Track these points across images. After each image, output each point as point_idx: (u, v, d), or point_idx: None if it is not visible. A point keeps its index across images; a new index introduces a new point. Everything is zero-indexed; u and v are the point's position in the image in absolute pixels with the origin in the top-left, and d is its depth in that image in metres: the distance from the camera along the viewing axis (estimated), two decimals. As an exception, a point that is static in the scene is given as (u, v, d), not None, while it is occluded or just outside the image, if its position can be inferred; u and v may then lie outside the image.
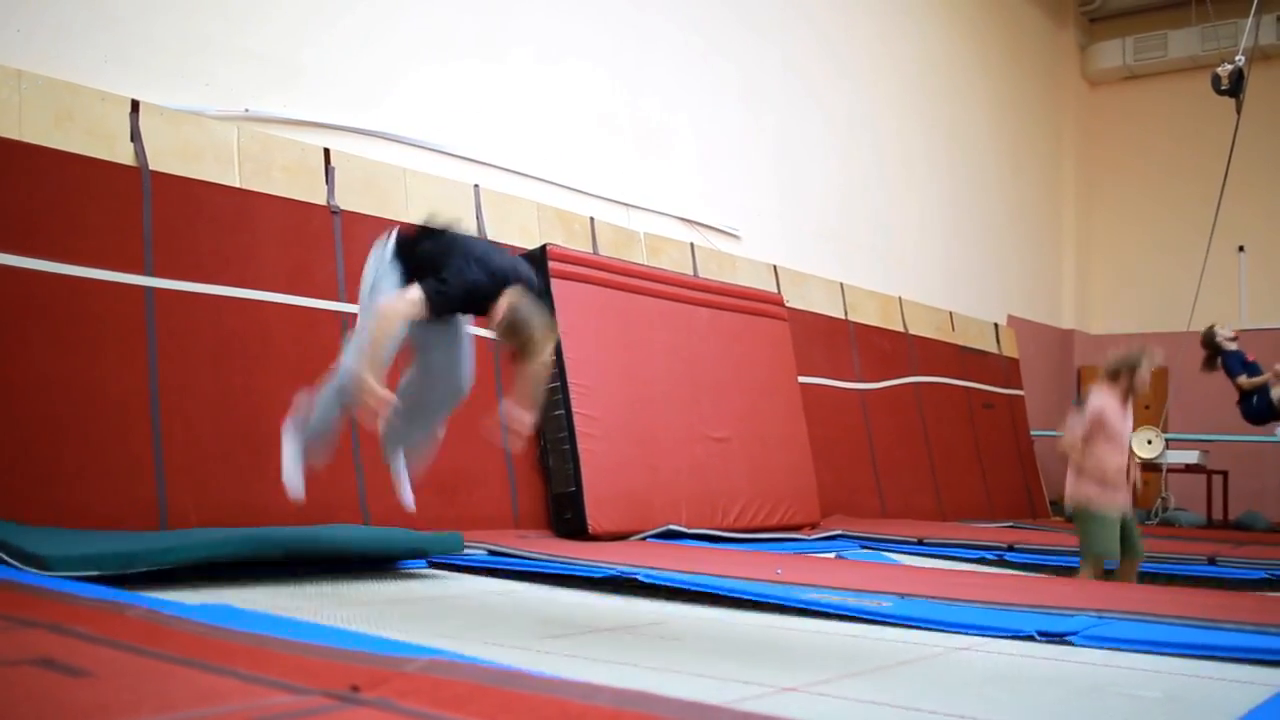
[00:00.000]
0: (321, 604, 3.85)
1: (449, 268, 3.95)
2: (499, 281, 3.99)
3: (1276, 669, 3.12)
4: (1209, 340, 9.64)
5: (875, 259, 11.02)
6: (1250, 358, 9.54)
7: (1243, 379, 9.49)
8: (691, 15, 9.03)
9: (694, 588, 4.29)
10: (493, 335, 4.09)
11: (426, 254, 4.07)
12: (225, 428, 5.53)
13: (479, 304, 4.01)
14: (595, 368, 7.08)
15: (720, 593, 4.21)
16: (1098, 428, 5.77)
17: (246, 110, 6.02)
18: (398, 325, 3.88)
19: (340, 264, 6.20)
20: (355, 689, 2.06)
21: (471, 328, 4.37)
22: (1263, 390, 9.43)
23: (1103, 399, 5.82)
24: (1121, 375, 5.87)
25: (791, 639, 3.55)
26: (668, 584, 4.37)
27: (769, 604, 4.17)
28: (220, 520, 5.21)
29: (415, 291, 3.89)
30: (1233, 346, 9.57)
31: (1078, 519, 5.82)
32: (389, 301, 3.93)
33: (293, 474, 4.13)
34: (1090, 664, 3.18)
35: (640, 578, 4.43)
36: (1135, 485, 6.23)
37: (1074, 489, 5.79)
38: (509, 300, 3.95)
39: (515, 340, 3.96)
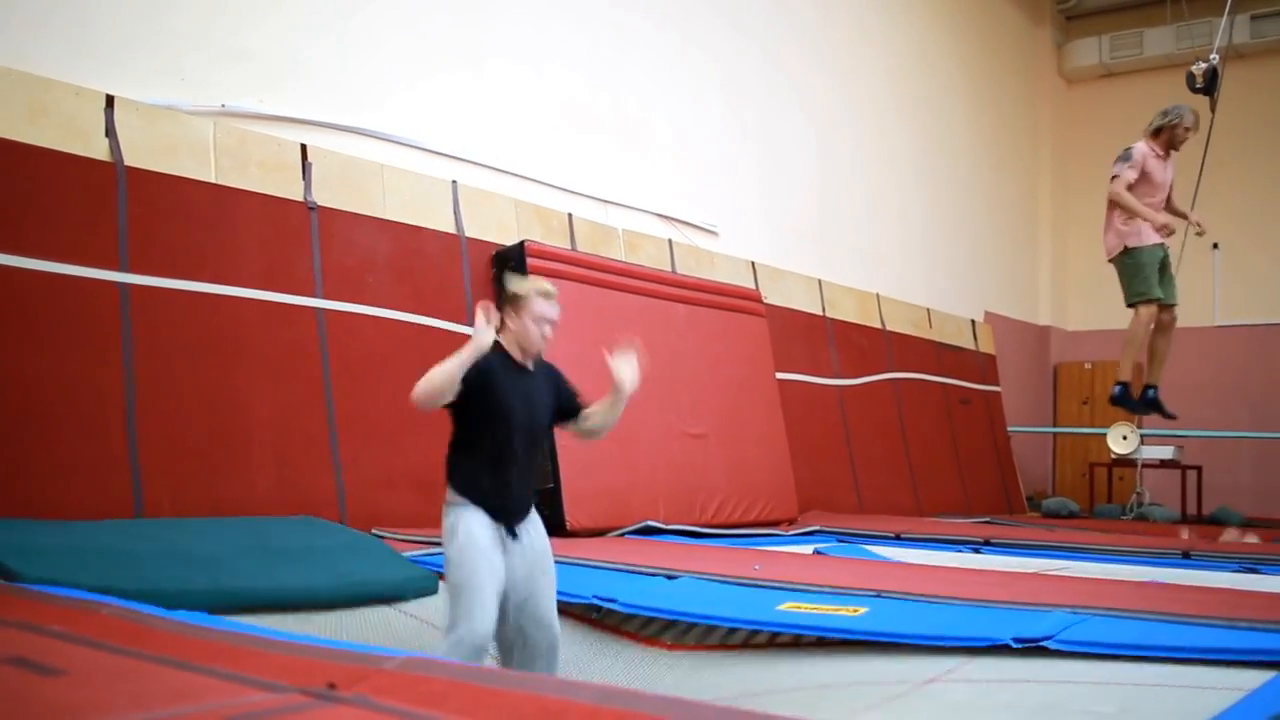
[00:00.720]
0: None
1: None
2: None
3: (1242, 670, 3.08)
4: None
5: (853, 256, 11.05)
6: None
7: None
8: (670, 12, 9.03)
9: (667, 615, 4.23)
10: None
11: None
12: (201, 423, 5.51)
13: None
14: (572, 364, 7.05)
15: (694, 619, 4.15)
16: (1141, 176, 6.12)
17: (223, 106, 5.99)
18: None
19: (317, 260, 6.17)
20: (332, 686, 2.05)
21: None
22: None
23: (1145, 148, 6.27)
24: (1163, 130, 6.37)
25: (765, 663, 3.51)
26: (644, 613, 4.30)
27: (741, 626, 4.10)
28: (195, 515, 5.19)
29: None
30: None
31: (1120, 265, 6.09)
32: None
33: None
34: (1053, 680, 3.11)
35: (618, 607, 4.37)
36: (1197, 225, 6.45)
37: (1115, 236, 6.15)
38: None
39: None
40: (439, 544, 5.45)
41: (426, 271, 6.78)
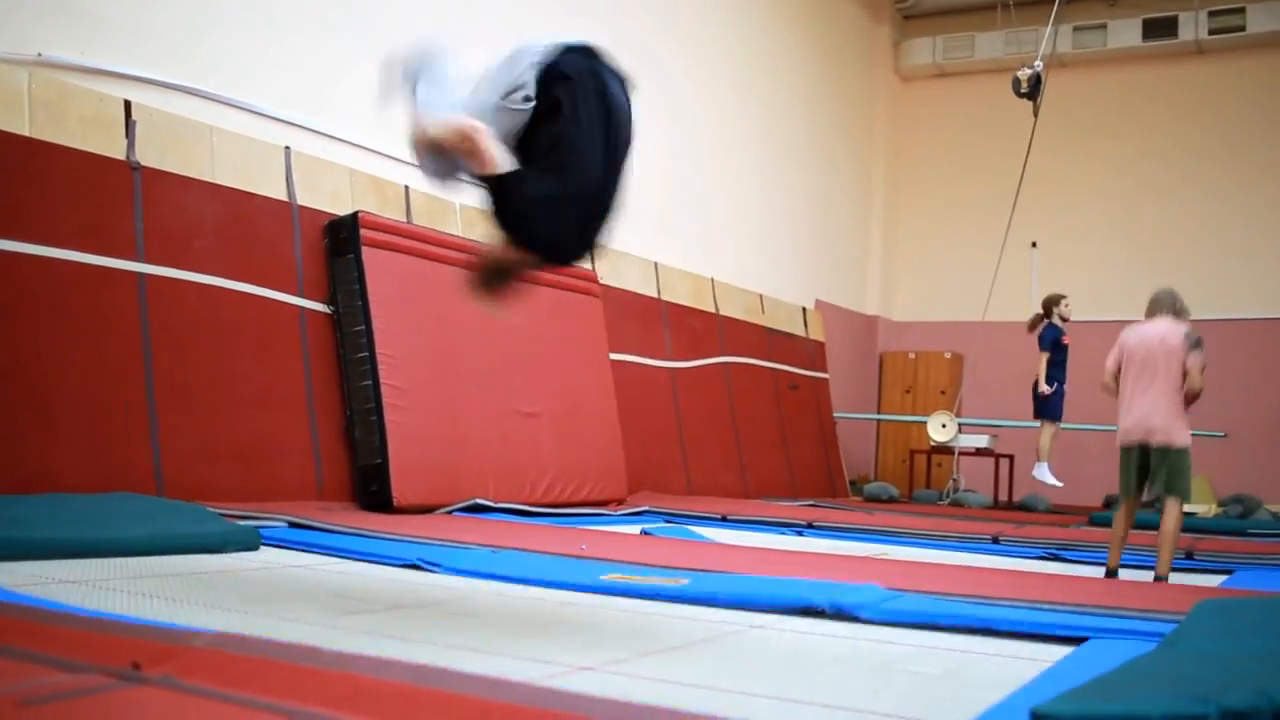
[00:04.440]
0: (109, 577, 3.70)
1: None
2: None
3: (1048, 644, 3.30)
4: (1047, 304, 10.34)
5: (690, 240, 11.15)
6: (1065, 340, 10.10)
7: (1043, 359, 10.12)
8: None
9: (490, 579, 4.23)
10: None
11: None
12: (11, 391, 5.25)
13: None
14: (404, 339, 6.98)
15: (518, 582, 4.18)
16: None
17: (40, 55, 5.70)
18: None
19: (139, 222, 5.94)
20: (136, 666, 1.99)
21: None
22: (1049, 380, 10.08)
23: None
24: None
25: (591, 617, 3.58)
26: (467, 577, 4.30)
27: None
28: (4, 489, 4.95)
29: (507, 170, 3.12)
30: (1060, 323, 10.19)
31: (1187, 458, 5.54)
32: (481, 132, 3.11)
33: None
34: (878, 641, 3.31)
35: (441, 571, 4.35)
36: None
37: (1182, 431, 5.56)
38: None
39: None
40: (263, 518, 5.35)
41: (256, 239, 6.59)
